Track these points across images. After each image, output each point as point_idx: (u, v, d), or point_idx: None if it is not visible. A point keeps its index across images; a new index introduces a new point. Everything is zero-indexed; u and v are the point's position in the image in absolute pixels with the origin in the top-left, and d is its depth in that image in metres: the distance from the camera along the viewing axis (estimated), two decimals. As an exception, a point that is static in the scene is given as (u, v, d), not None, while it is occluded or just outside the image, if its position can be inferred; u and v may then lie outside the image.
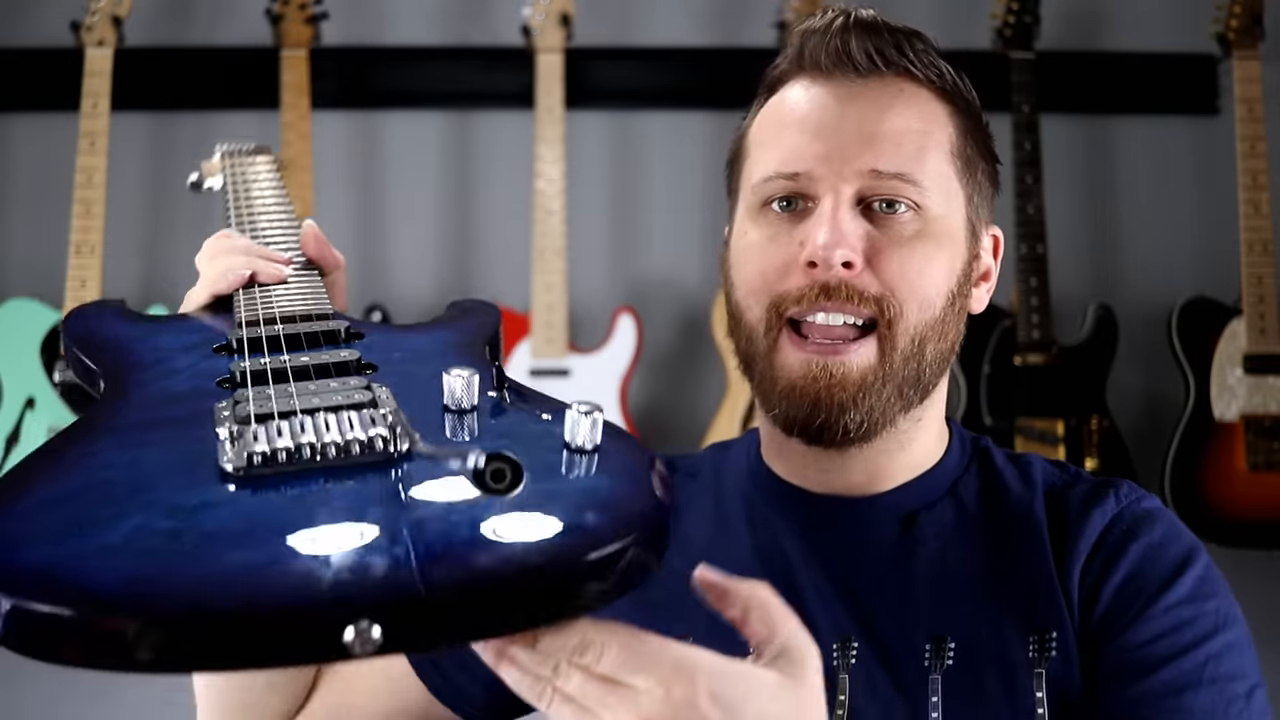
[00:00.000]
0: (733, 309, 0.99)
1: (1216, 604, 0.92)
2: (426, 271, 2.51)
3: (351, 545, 0.55)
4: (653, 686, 0.61)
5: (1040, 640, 0.92)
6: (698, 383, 2.44)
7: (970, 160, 0.99)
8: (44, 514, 0.58)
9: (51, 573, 0.53)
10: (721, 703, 0.62)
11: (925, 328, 0.94)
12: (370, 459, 0.61)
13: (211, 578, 0.53)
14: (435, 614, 0.53)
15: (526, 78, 2.38)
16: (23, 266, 2.44)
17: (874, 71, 0.96)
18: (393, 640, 0.52)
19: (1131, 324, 2.40)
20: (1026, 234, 2.32)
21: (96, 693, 2.41)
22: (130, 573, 0.53)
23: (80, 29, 2.30)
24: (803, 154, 0.95)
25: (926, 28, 1.02)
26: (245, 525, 0.56)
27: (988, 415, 2.31)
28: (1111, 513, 0.96)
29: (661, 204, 2.51)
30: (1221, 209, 2.43)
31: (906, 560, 0.97)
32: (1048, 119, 2.39)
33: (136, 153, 2.48)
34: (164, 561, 0.54)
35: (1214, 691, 0.87)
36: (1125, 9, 2.56)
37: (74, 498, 0.59)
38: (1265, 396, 2.30)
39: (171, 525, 0.56)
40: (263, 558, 0.54)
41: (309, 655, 0.53)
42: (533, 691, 0.62)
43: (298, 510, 0.57)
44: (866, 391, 0.93)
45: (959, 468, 1.02)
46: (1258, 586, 2.34)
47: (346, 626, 0.51)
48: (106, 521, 0.56)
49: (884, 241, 0.93)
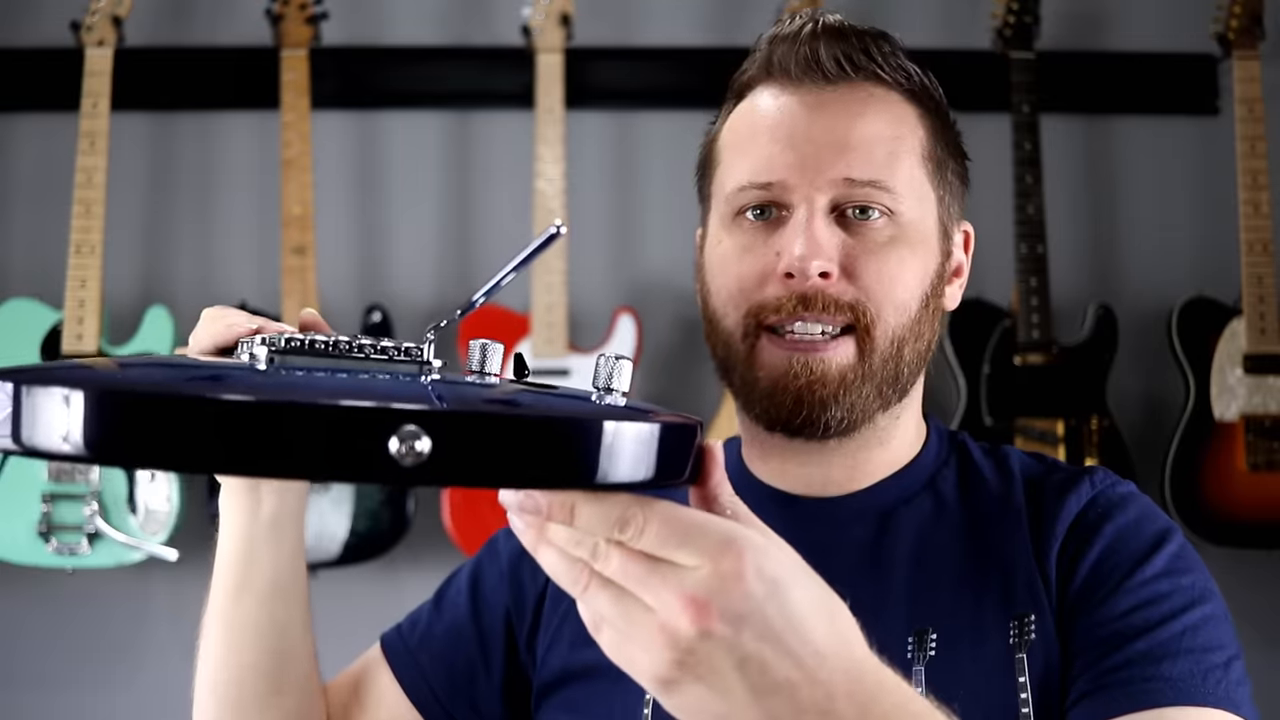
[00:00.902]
0: (709, 315, 1.01)
1: (1193, 579, 0.93)
2: (426, 271, 2.50)
3: (391, 388, 0.60)
4: (699, 562, 0.60)
5: (1020, 625, 0.93)
6: (698, 383, 2.43)
7: (941, 161, 1.00)
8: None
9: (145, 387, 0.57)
10: (767, 578, 0.60)
11: (902, 330, 0.96)
12: (402, 364, 0.66)
13: (265, 388, 0.58)
14: (471, 431, 0.55)
15: (526, 78, 2.38)
16: (23, 266, 2.44)
17: (843, 78, 0.97)
18: (438, 455, 0.54)
19: (1131, 324, 2.40)
20: (1026, 234, 2.32)
21: (96, 693, 2.42)
22: (202, 391, 0.57)
23: (80, 29, 2.30)
24: (774, 163, 0.96)
25: (926, 28, 1.03)
26: (282, 379, 0.61)
27: (988, 415, 2.31)
28: (1087, 497, 0.98)
29: (661, 204, 2.51)
30: (1221, 209, 2.43)
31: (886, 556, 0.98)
32: (1048, 119, 2.39)
33: (136, 153, 2.48)
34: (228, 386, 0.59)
35: (1191, 660, 0.87)
36: (1125, 9, 2.56)
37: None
38: (1265, 396, 2.30)
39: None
40: (308, 385, 0.60)
41: (357, 463, 0.54)
42: (569, 576, 0.61)
43: (338, 376, 0.63)
44: (847, 389, 0.95)
45: (937, 462, 1.03)
46: (1258, 586, 2.35)
47: (391, 434, 0.53)
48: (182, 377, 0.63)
49: (859, 249, 0.95)
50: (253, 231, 2.47)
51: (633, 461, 0.58)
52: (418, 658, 1.10)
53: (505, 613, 1.09)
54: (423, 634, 1.11)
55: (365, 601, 2.00)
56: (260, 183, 2.45)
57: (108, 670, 2.42)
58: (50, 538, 2.19)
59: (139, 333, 2.31)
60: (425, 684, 1.09)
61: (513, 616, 1.08)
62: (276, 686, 1.00)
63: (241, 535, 0.96)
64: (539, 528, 0.61)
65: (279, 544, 0.97)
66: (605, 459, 0.58)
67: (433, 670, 1.09)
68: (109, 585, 2.37)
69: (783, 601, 0.61)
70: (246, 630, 0.99)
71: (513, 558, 1.10)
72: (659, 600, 0.60)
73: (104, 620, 2.42)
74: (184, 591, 2.40)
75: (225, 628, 0.99)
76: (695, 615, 0.59)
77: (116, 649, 2.42)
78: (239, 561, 0.97)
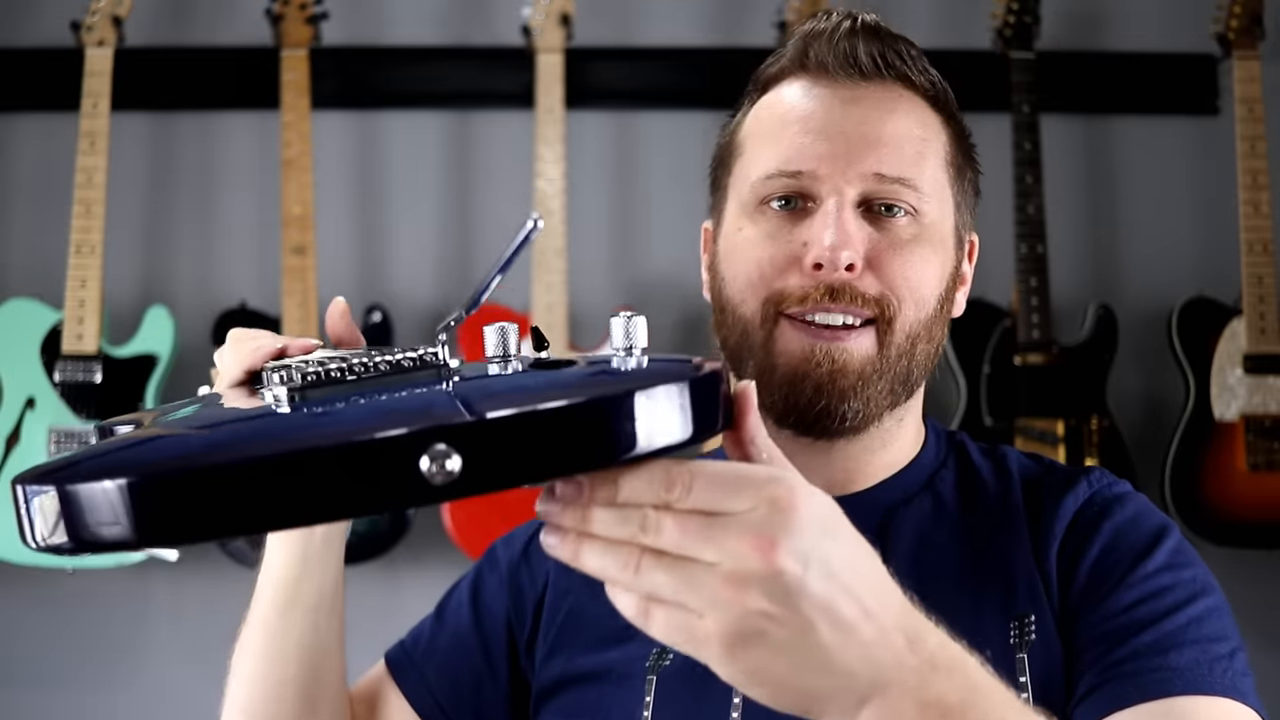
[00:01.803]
0: (724, 303, 1.00)
1: (1194, 572, 0.93)
2: (426, 271, 2.50)
3: (414, 407, 0.60)
4: (753, 504, 0.59)
5: (1020, 625, 0.93)
6: (698, 383, 2.43)
7: (960, 169, 1.01)
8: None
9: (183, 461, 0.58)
10: (817, 516, 0.61)
11: (919, 326, 0.96)
12: (421, 372, 0.66)
13: (294, 435, 0.59)
14: (502, 436, 0.55)
15: (526, 78, 2.38)
16: (23, 266, 2.44)
17: (877, 76, 0.98)
18: (470, 468, 0.54)
19: (1131, 324, 2.40)
20: (1026, 234, 2.32)
21: (96, 693, 2.42)
22: (227, 453, 0.58)
23: (80, 29, 2.30)
24: (806, 153, 0.96)
25: (927, 28, 1.05)
26: (307, 420, 0.62)
27: (988, 415, 2.31)
28: (1084, 496, 0.98)
29: (661, 204, 2.51)
30: (1221, 209, 2.43)
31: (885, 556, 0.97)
32: (1048, 119, 2.39)
33: (136, 153, 2.47)
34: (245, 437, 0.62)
35: (1198, 650, 0.87)
36: (1125, 9, 2.56)
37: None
38: (1265, 396, 2.30)
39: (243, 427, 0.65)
40: (333, 422, 0.60)
41: (393, 491, 0.54)
42: (618, 564, 0.60)
43: (359, 401, 0.63)
44: (866, 381, 0.95)
45: (935, 462, 1.03)
46: (1258, 586, 2.35)
47: (421, 455, 0.53)
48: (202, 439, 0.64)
49: (884, 244, 0.95)
50: (253, 231, 2.47)
51: (668, 424, 0.58)
52: (422, 671, 1.10)
53: (506, 620, 1.08)
54: (426, 647, 1.11)
55: (365, 602, 2.00)
56: (260, 183, 2.45)
57: (108, 670, 2.42)
58: (50, 538, 2.19)
59: (139, 333, 2.31)
60: (431, 697, 1.09)
61: (514, 623, 1.08)
62: (312, 705, 1.01)
63: (297, 551, 0.97)
64: (579, 525, 0.60)
65: (328, 559, 0.98)
66: (642, 430, 0.58)
67: (438, 682, 1.09)
68: (109, 585, 2.37)
69: (835, 539, 0.62)
70: (290, 645, 0.99)
71: (512, 565, 1.10)
72: (724, 550, 0.59)
73: (104, 620, 2.42)
74: (184, 591, 2.40)
75: (269, 641, 0.99)
76: (764, 554, 0.59)
77: (116, 649, 2.42)
78: (291, 578, 0.97)
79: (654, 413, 0.58)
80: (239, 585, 1.08)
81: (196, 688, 2.32)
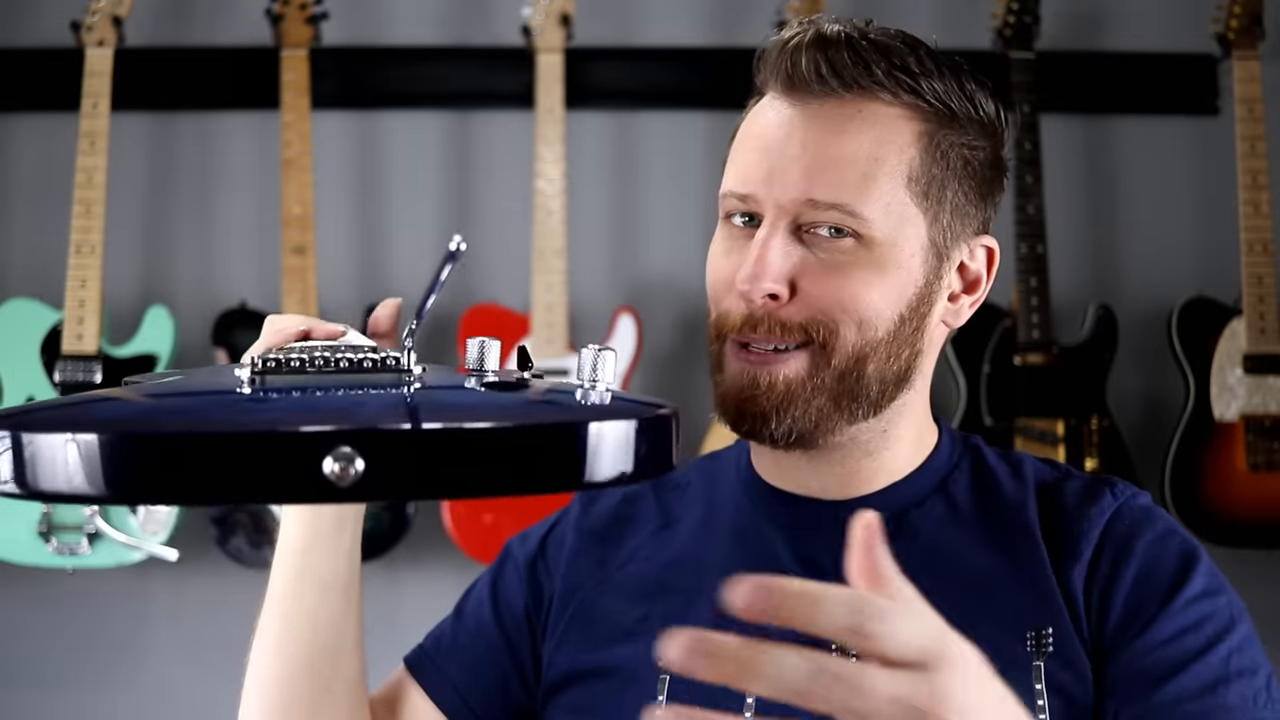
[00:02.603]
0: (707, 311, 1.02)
1: (1228, 598, 0.94)
2: (426, 271, 2.49)
3: (341, 407, 0.60)
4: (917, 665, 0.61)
5: (1037, 635, 0.93)
6: (698, 383, 2.43)
7: (936, 180, 0.96)
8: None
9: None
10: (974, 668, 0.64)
11: (866, 347, 0.94)
12: (381, 374, 0.67)
13: (207, 418, 0.61)
14: (415, 448, 0.55)
15: (526, 78, 2.38)
16: (23, 266, 2.44)
17: (828, 93, 0.94)
18: (373, 474, 0.54)
19: (1131, 324, 2.40)
20: (1026, 234, 2.32)
21: (96, 693, 2.42)
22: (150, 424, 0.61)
23: (80, 29, 2.30)
24: (750, 175, 0.96)
25: (926, 28, 1.01)
26: (252, 399, 0.63)
27: (987, 415, 2.31)
28: (1110, 510, 0.97)
29: (661, 204, 2.51)
30: (1221, 209, 2.43)
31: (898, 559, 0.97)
32: (1048, 119, 2.39)
33: (136, 153, 2.47)
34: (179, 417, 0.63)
35: (1241, 685, 0.88)
36: (1125, 9, 2.56)
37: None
38: (1265, 396, 2.30)
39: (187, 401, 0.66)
40: (256, 408, 0.62)
41: (295, 486, 0.55)
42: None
43: (302, 388, 0.63)
44: (792, 401, 0.94)
45: (949, 465, 1.02)
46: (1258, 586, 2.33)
47: (325, 455, 0.53)
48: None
49: (818, 267, 0.93)
50: (253, 231, 2.47)
51: (585, 462, 0.58)
52: (445, 669, 1.10)
53: (526, 614, 1.09)
54: (448, 646, 1.11)
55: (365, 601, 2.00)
56: (260, 183, 2.45)
57: (108, 670, 2.42)
58: (50, 537, 2.19)
59: (139, 333, 2.31)
60: (456, 694, 1.09)
61: (532, 617, 1.09)
62: (327, 685, 1.01)
63: (307, 523, 0.99)
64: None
65: (340, 539, 0.99)
66: (553, 465, 0.57)
67: (462, 679, 1.09)
68: (109, 585, 2.37)
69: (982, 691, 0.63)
70: (303, 623, 1.00)
71: (529, 559, 1.10)
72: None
73: (104, 620, 2.42)
74: (184, 591, 2.40)
75: (283, 620, 1.01)
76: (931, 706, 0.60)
77: (116, 649, 2.42)
78: (300, 549, 0.99)
79: (584, 448, 0.57)
80: (239, 585, 1.09)
81: (196, 688, 2.33)
